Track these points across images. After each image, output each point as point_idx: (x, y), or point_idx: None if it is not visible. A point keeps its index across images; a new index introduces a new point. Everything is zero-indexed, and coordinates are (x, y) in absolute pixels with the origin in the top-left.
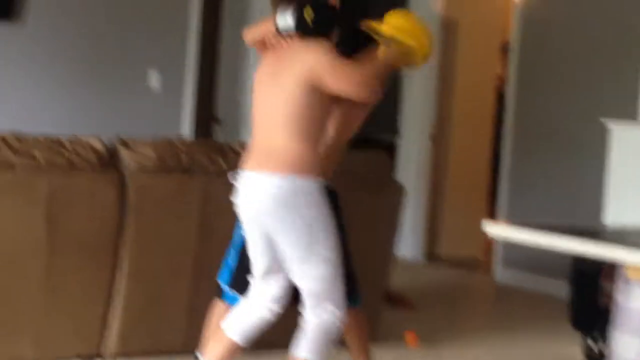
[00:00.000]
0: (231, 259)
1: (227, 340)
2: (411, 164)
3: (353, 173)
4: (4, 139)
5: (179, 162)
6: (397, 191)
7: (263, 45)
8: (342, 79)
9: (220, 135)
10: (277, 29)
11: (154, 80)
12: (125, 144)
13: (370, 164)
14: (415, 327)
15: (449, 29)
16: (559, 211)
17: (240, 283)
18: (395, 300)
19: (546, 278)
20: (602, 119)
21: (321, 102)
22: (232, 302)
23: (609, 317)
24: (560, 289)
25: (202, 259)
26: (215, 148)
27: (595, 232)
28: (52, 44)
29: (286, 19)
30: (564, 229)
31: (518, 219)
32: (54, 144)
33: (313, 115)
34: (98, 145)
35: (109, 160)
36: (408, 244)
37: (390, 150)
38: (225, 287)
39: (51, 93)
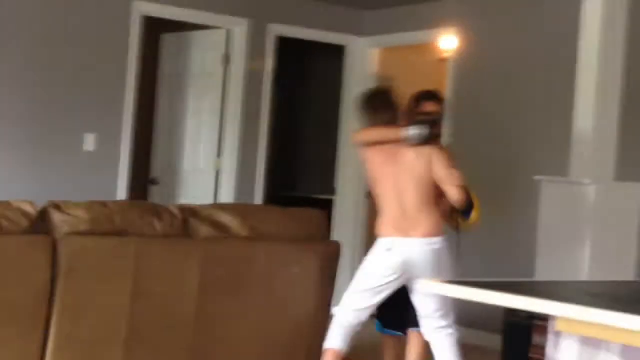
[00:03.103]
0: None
1: None
2: (347, 221)
3: (289, 229)
4: None
5: (113, 224)
6: (332, 246)
7: (375, 145)
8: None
9: (156, 196)
10: (406, 138)
11: (91, 143)
12: (57, 206)
13: (306, 220)
14: None
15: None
16: (494, 267)
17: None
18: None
19: (479, 331)
20: (534, 176)
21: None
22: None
23: None
24: (493, 341)
25: (136, 323)
26: (150, 210)
27: (527, 286)
28: None
29: (415, 134)
30: (497, 284)
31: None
32: None
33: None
34: (29, 209)
35: (40, 224)
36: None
37: (327, 208)
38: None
39: None
